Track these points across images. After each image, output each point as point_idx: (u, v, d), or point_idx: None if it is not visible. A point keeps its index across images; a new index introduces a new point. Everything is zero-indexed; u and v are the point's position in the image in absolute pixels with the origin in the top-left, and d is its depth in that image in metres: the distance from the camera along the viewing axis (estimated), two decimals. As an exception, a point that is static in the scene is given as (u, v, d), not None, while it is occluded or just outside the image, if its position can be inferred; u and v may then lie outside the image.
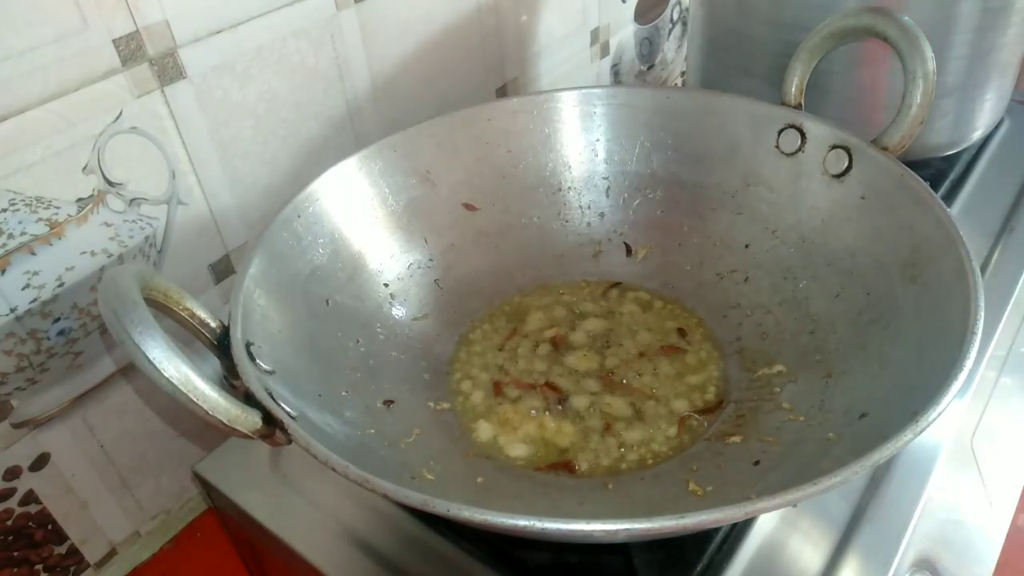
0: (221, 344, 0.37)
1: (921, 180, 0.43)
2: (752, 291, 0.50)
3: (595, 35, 0.80)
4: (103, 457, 0.49)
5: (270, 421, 0.32)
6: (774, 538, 0.41)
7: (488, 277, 0.54)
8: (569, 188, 0.56)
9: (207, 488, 0.47)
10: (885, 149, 0.45)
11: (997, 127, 0.71)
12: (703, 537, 0.40)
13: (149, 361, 0.30)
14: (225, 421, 0.31)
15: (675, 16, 0.92)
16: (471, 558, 0.41)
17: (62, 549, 0.49)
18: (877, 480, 0.44)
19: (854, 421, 0.37)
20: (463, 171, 0.53)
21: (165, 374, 0.30)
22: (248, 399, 0.33)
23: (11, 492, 0.45)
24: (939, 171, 0.65)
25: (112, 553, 0.52)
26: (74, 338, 0.44)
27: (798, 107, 0.50)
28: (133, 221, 0.45)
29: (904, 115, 0.44)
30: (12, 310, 0.41)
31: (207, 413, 0.31)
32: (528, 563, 0.40)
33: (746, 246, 0.51)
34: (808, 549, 0.41)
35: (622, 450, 0.43)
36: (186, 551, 0.55)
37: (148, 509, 0.53)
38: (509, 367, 0.48)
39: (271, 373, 0.36)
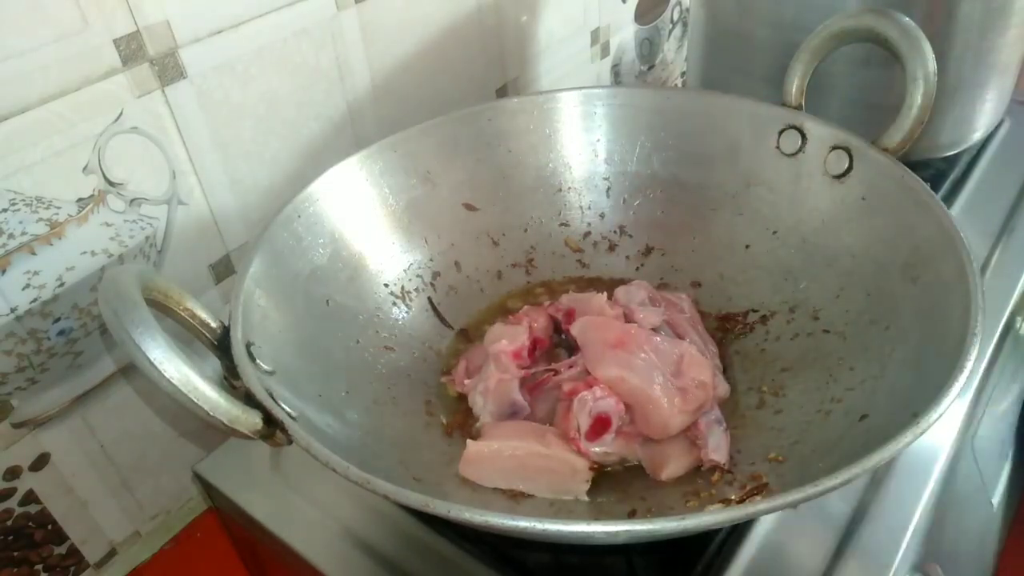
0: (221, 344, 0.37)
1: (921, 181, 0.43)
2: (752, 292, 0.50)
3: (595, 35, 0.80)
4: (103, 457, 0.49)
5: (270, 421, 0.32)
6: (774, 539, 0.41)
7: (488, 277, 0.54)
8: (569, 188, 0.56)
9: (207, 488, 0.47)
10: (886, 150, 0.45)
11: (997, 127, 0.71)
12: (703, 538, 0.40)
13: (150, 361, 0.30)
14: (225, 422, 0.31)
15: (675, 16, 0.92)
16: (471, 558, 0.41)
17: (62, 549, 0.49)
18: (877, 481, 0.44)
19: (855, 422, 0.37)
20: (463, 171, 0.53)
21: (166, 374, 0.30)
22: (248, 399, 0.33)
23: (11, 492, 0.45)
24: (939, 172, 0.65)
25: (112, 553, 0.52)
26: (74, 338, 0.44)
27: (799, 108, 0.50)
28: (133, 221, 0.45)
29: (905, 116, 0.44)
30: (12, 310, 0.41)
31: (207, 414, 0.31)
32: (528, 563, 0.40)
33: (746, 247, 0.51)
34: (808, 550, 0.41)
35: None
36: (186, 551, 0.55)
37: (148, 509, 0.53)
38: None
39: (271, 373, 0.36)
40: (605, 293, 0.47)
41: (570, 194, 0.56)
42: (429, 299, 0.51)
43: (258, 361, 0.35)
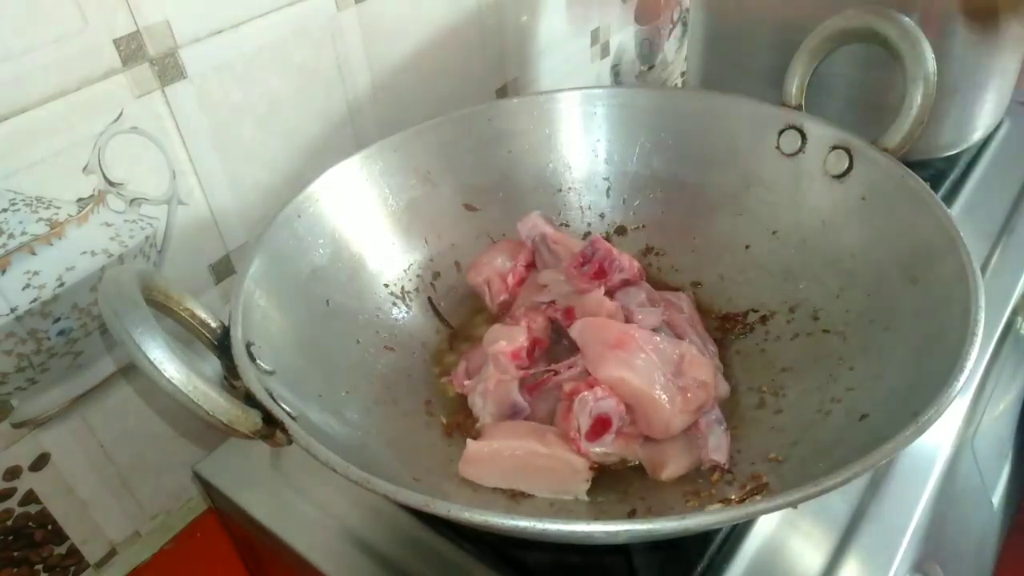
0: (221, 344, 0.37)
1: (921, 181, 0.43)
2: (752, 292, 0.50)
3: (595, 35, 0.80)
4: (103, 457, 0.49)
5: (270, 421, 0.32)
6: (774, 539, 0.41)
7: (488, 277, 0.54)
8: (569, 189, 0.56)
9: (207, 488, 0.47)
10: (886, 150, 0.45)
11: (997, 128, 0.71)
12: (704, 538, 0.40)
13: (150, 362, 0.30)
14: (225, 422, 0.31)
15: (675, 16, 0.92)
16: (471, 558, 0.41)
17: (62, 549, 0.49)
18: (877, 480, 0.44)
19: (855, 422, 0.37)
20: (463, 171, 0.53)
21: (166, 375, 0.30)
22: (248, 399, 0.33)
23: (11, 492, 0.45)
24: (939, 172, 0.65)
25: (112, 553, 0.52)
26: (74, 338, 0.44)
27: (798, 108, 0.50)
28: (133, 221, 0.45)
29: (905, 116, 0.44)
30: (12, 310, 0.41)
31: (207, 414, 0.31)
32: (528, 563, 0.40)
33: (746, 247, 0.51)
34: (808, 550, 0.41)
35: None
36: (186, 551, 0.55)
37: (148, 509, 0.53)
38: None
39: (271, 373, 0.36)
40: (602, 287, 0.47)
41: (570, 194, 0.56)
42: (429, 299, 0.51)
43: (258, 361, 0.35)
